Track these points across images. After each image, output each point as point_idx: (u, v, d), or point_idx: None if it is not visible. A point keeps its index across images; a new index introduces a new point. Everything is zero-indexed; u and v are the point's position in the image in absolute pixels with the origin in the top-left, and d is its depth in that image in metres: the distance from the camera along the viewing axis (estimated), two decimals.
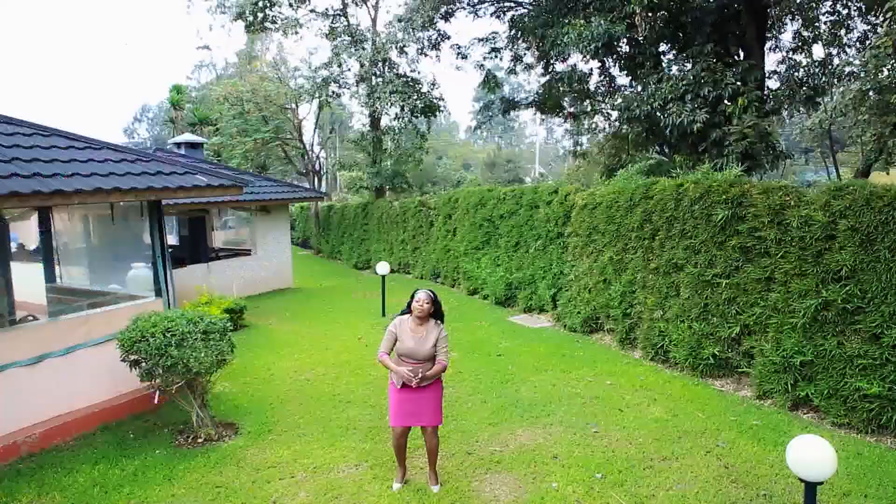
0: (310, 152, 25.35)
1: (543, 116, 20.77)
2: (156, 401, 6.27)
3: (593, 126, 19.80)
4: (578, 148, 20.18)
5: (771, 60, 17.40)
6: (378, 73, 18.97)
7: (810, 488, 3.36)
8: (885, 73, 7.80)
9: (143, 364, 5.60)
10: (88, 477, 5.21)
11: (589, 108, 18.20)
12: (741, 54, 11.86)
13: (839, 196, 5.92)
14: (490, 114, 19.30)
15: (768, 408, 6.29)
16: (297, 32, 19.63)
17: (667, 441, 5.54)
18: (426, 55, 19.67)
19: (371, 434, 5.93)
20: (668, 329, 7.71)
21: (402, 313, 4.75)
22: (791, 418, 5.99)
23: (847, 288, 5.74)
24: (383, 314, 11.34)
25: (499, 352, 8.65)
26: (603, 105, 17.47)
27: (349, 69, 20.04)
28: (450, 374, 7.53)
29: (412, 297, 4.69)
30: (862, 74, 8.68)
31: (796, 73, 12.69)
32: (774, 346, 6.34)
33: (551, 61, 15.21)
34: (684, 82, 10.41)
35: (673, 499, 4.53)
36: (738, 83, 10.18)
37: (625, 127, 17.15)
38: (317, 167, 25.99)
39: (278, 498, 4.78)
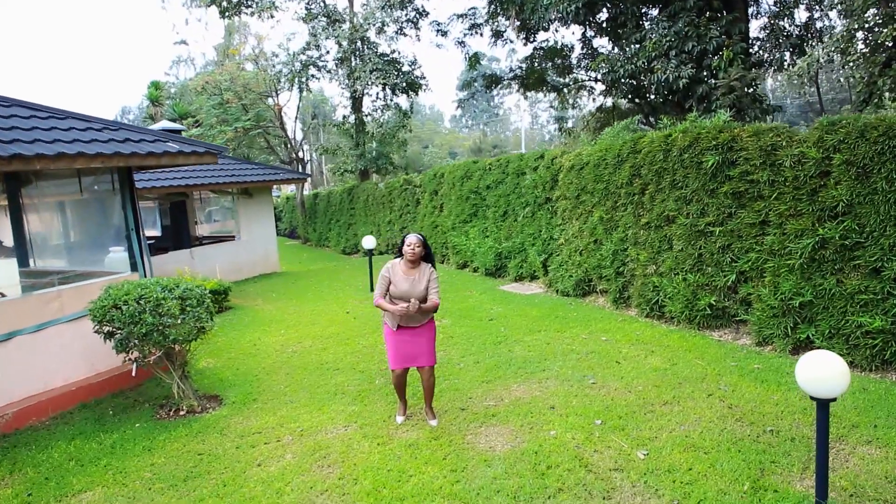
0: (292, 140, 24.94)
1: (527, 94, 20.50)
2: (134, 373, 6.00)
3: (578, 101, 19.59)
4: (564, 125, 19.96)
5: (754, 27, 17.26)
6: (358, 52, 18.63)
7: (822, 406, 3.16)
8: (873, 11, 7.63)
9: (118, 334, 5.34)
10: (64, 452, 4.95)
11: (572, 83, 17.97)
12: (723, 12, 11.66)
13: (832, 130, 5.72)
14: (474, 89, 19.02)
15: (769, 353, 6.13)
16: (272, 16, 19.27)
17: (667, 387, 5.35)
18: (405, 34, 19.37)
19: (360, 397, 5.69)
20: (663, 283, 7.52)
21: (395, 256, 4.82)
22: (793, 361, 5.81)
23: (844, 224, 5.56)
24: (371, 289, 11.09)
25: (490, 317, 8.43)
26: (586, 77, 17.25)
27: (328, 51, 19.69)
28: (441, 339, 7.32)
29: (403, 241, 4.70)
30: (846, 18, 8.49)
31: (781, 24, 12.50)
32: (772, 290, 6.16)
33: (532, 30, 14.94)
34: (668, 38, 10.18)
35: (676, 439, 4.34)
36: (723, 36, 9.96)
37: (609, 100, 16.95)
38: (300, 154, 25.59)
39: (263, 461, 4.54)
